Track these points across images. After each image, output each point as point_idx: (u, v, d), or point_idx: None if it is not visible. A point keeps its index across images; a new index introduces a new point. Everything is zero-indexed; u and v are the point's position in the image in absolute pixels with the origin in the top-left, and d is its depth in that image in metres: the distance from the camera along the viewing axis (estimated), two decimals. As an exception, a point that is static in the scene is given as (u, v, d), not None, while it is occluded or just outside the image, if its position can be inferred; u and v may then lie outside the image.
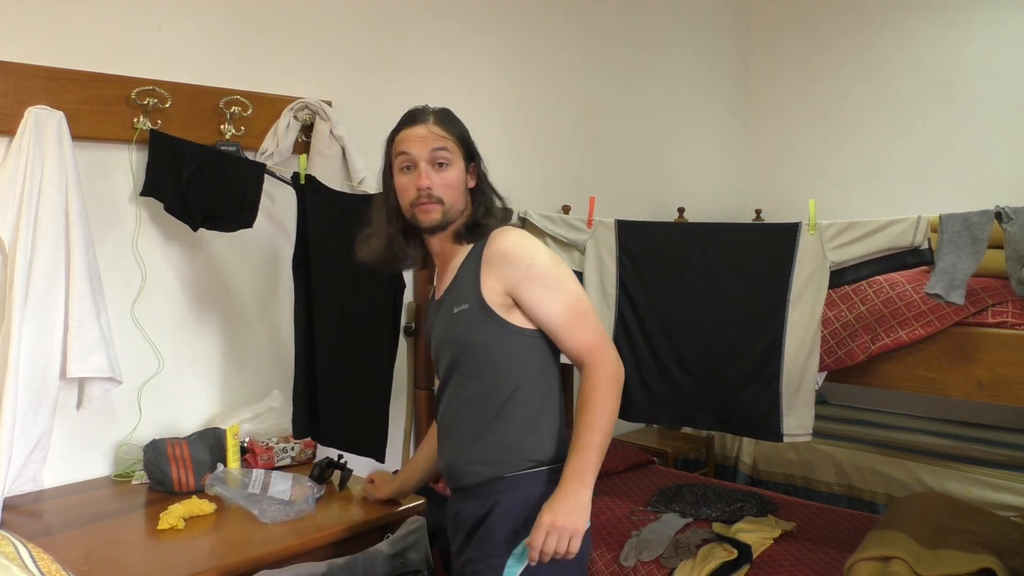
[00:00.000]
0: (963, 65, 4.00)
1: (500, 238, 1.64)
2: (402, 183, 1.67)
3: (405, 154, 1.65)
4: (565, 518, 1.47)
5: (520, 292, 1.59)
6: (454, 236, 1.68)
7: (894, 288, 2.19)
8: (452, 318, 1.65)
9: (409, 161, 1.65)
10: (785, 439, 2.25)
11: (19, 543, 1.26)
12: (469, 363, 1.64)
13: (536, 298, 1.59)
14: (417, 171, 1.64)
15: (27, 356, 1.94)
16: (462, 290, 1.64)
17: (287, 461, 2.33)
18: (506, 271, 1.60)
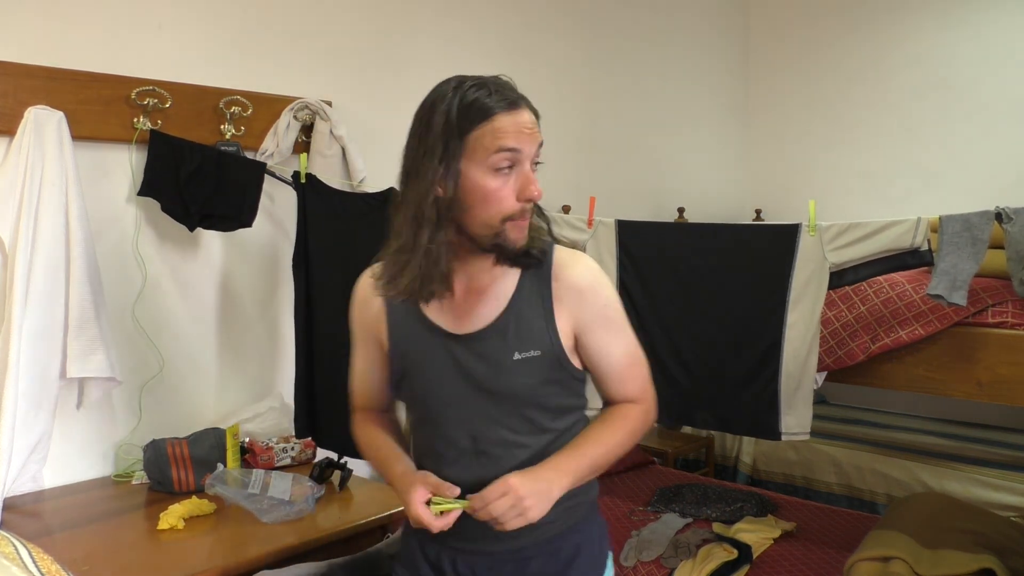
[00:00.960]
0: (963, 65, 4.00)
1: (572, 267, 1.34)
2: (496, 188, 1.22)
3: (511, 151, 1.22)
4: (531, 496, 1.22)
5: (589, 335, 1.34)
6: (503, 258, 1.31)
7: (894, 288, 2.19)
8: (513, 365, 1.31)
9: (513, 160, 1.23)
10: (783, 438, 2.25)
11: (19, 543, 1.26)
12: (533, 418, 1.33)
13: (604, 343, 1.35)
14: (521, 174, 1.24)
15: (27, 356, 1.94)
16: (525, 331, 1.31)
17: (287, 461, 2.33)
18: (581, 310, 1.33)
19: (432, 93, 1.29)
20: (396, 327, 1.40)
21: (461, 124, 1.22)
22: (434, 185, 1.22)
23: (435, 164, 1.21)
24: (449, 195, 1.22)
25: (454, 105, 1.24)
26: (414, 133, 1.27)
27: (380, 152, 2.75)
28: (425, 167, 1.22)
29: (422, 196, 1.23)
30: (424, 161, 1.22)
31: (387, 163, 2.74)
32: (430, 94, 1.29)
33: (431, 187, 1.22)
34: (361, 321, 1.47)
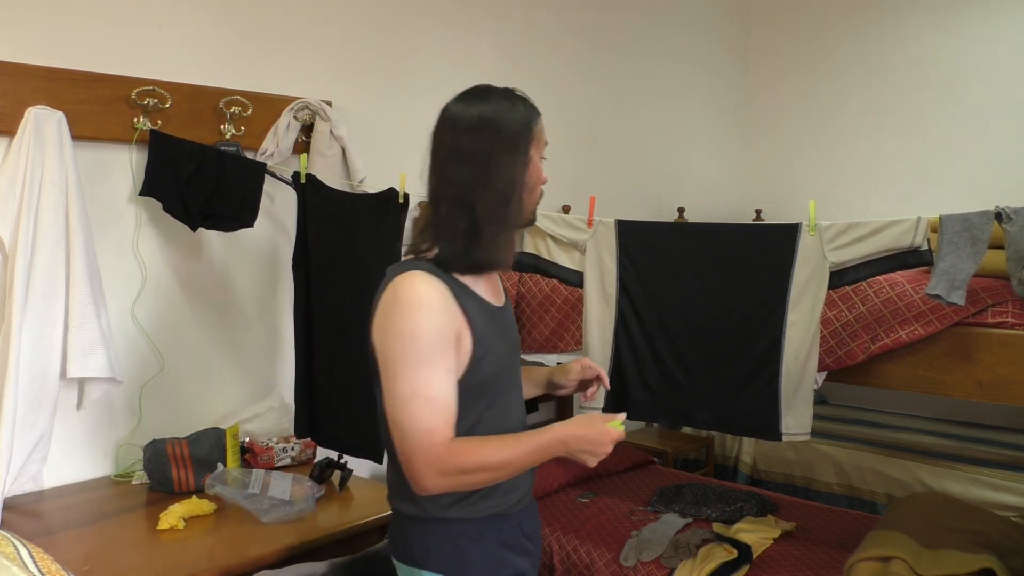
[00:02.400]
0: (963, 65, 4.00)
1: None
2: (539, 171, 1.48)
3: (546, 144, 1.50)
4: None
5: None
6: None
7: (894, 288, 2.19)
8: (513, 321, 1.60)
9: (541, 154, 1.49)
10: (784, 439, 2.25)
11: (19, 543, 1.26)
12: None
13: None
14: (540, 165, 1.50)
15: (27, 356, 1.94)
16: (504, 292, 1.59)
17: (287, 461, 2.33)
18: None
19: (487, 103, 1.44)
20: (470, 313, 1.41)
21: (530, 122, 1.44)
22: (516, 169, 1.41)
23: (517, 153, 1.41)
24: (522, 178, 1.42)
25: (520, 107, 1.44)
26: (483, 135, 1.40)
27: (380, 152, 2.76)
28: (506, 158, 1.40)
29: (508, 180, 1.41)
30: (505, 153, 1.40)
31: (387, 163, 2.76)
32: (483, 104, 1.43)
33: (514, 172, 1.41)
34: (446, 326, 1.37)
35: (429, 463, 1.32)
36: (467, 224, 1.40)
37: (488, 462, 1.35)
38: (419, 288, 1.36)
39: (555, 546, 2.57)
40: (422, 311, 1.34)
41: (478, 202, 1.39)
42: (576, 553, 2.52)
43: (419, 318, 1.34)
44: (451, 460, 1.33)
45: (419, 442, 1.32)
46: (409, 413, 1.33)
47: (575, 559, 2.51)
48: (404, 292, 1.36)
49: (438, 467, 1.32)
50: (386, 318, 1.37)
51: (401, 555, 1.48)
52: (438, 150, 1.45)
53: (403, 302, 1.36)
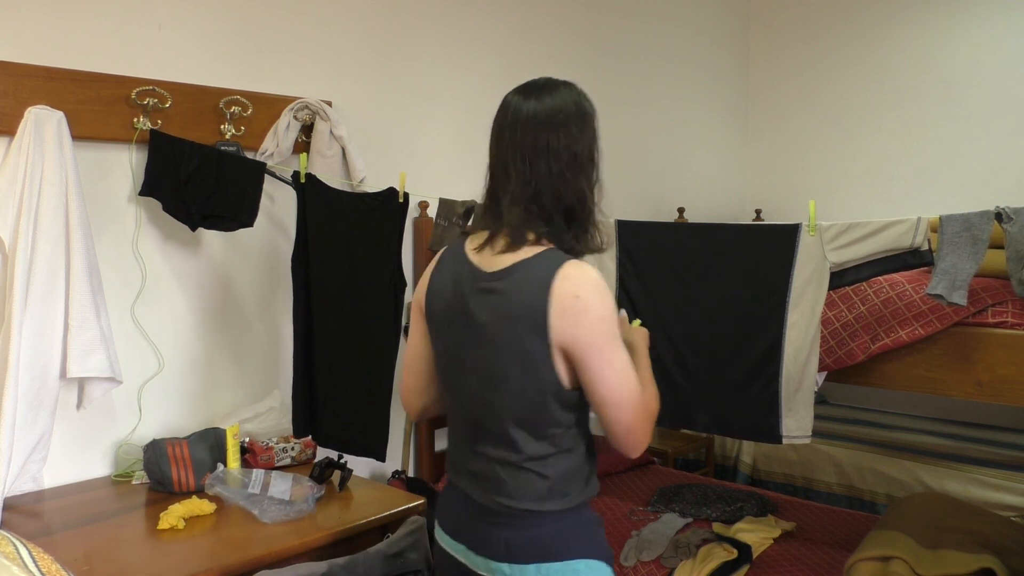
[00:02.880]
0: (963, 65, 4.00)
1: None
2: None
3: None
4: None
5: None
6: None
7: (894, 288, 2.19)
8: None
9: None
10: (784, 441, 2.25)
11: (19, 543, 1.26)
12: None
13: None
14: None
15: (27, 356, 1.94)
16: None
17: (287, 461, 2.33)
18: None
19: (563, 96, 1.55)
20: None
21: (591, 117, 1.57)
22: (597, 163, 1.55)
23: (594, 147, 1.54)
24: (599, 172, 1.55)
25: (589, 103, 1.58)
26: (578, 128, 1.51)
27: (380, 152, 2.76)
28: (596, 146, 1.55)
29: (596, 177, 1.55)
30: (595, 141, 1.55)
31: (387, 163, 2.76)
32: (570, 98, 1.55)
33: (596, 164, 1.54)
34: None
35: (649, 416, 1.49)
36: (566, 217, 1.49)
37: (652, 395, 1.53)
38: (595, 273, 1.43)
39: (555, 546, 2.57)
40: (607, 292, 1.43)
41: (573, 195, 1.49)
42: (576, 553, 2.52)
43: (608, 299, 1.42)
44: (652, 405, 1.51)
45: (638, 408, 1.44)
46: (629, 378, 1.43)
47: (575, 559, 2.51)
48: (587, 279, 1.41)
49: (651, 417, 1.50)
50: (579, 305, 1.39)
51: (544, 554, 1.46)
52: (515, 146, 1.47)
53: (592, 287, 1.41)
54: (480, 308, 1.46)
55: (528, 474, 1.45)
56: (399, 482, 2.65)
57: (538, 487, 1.45)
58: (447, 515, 1.57)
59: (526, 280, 1.42)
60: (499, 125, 1.51)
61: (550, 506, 1.46)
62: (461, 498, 1.53)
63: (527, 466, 1.45)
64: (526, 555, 1.45)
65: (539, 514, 1.46)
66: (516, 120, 1.48)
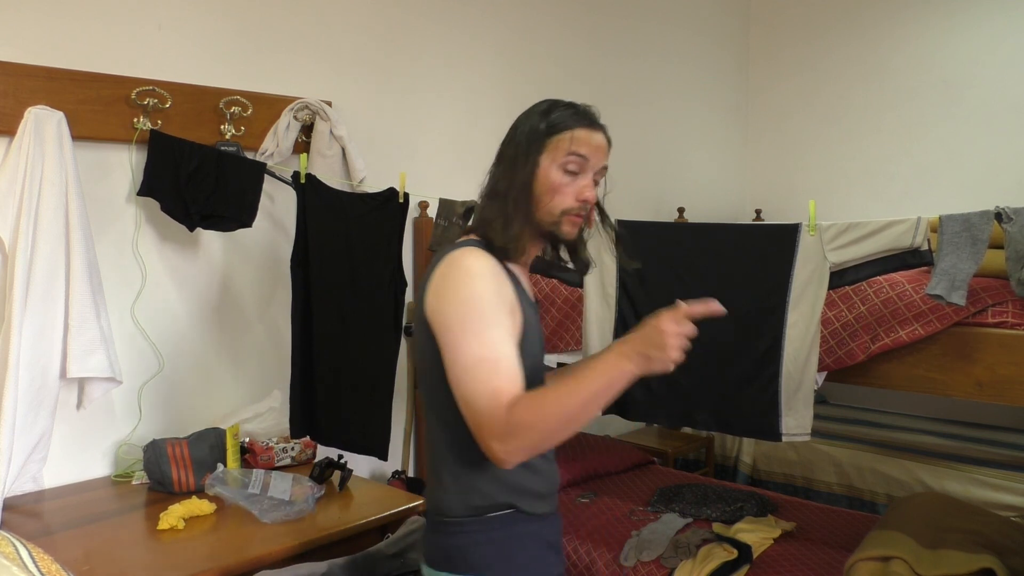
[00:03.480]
0: (963, 65, 4.00)
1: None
2: (560, 183, 1.45)
3: (580, 157, 1.48)
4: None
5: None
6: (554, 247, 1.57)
7: (894, 288, 2.18)
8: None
9: (579, 167, 1.48)
10: (784, 439, 2.25)
11: (19, 543, 1.26)
12: None
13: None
14: (584, 180, 1.50)
15: (27, 356, 1.94)
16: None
17: (287, 461, 2.33)
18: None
19: (530, 108, 1.54)
20: (520, 296, 1.42)
21: (548, 129, 1.47)
22: (516, 172, 1.45)
23: (525, 156, 1.46)
24: (524, 181, 1.44)
25: (541, 115, 1.51)
26: (510, 136, 1.51)
27: (380, 152, 2.76)
28: (517, 160, 1.46)
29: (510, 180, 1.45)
30: (517, 156, 1.47)
31: (387, 163, 2.76)
32: (528, 110, 1.54)
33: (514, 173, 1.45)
34: (501, 293, 1.36)
35: (498, 426, 1.23)
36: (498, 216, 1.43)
37: (558, 409, 1.24)
38: (476, 258, 1.36)
39: (555, 546, 2.57)
40: (481, 276, 1.34)
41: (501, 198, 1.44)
42: (576, 553, 2.52)
43: (478, 282, 1.32)
44: (519, 418, 1.23)
45: (487, 407, 1.24)
46: (475, 378, 1.26)
47: (575, 559, 2.51)
48: (461, 262, 1.35)
49: (507, 429, 1.23)
50: (443, 288, 1.33)
51: (445, 564, 1.40)
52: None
53: (461, 269, 1.34)
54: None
55: (439, 476, 1.41)
56: (399, 482, 2.66)
57: (446, 491, 1.40)
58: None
59: (429, 267, 1.42)
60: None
61: (447, 507, 1.40)
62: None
63: (440, 467, 1.41)
64: (433, 559, 1.42)
65: (436, 515, 1.42)
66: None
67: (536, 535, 1.46)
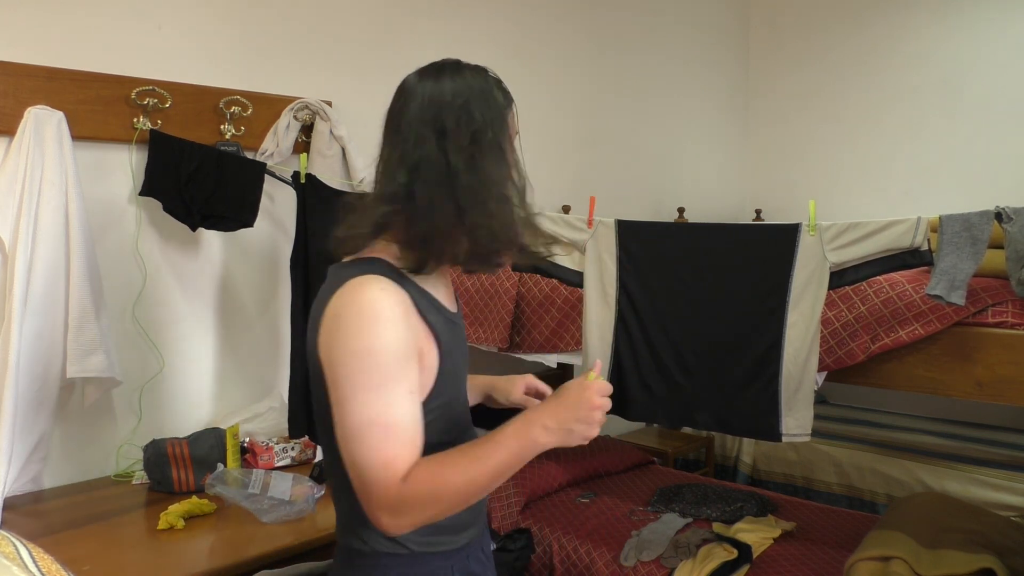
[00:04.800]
0: (963, 65, 4.00)
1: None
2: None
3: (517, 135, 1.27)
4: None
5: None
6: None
7: (894, 288, 2.18)
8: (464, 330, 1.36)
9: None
10: (784, 439, 2.25)
11: (19, 543, 1.25)
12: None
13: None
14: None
15: (27, 356, 1.94)
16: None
17: (287, 461, 2.33)
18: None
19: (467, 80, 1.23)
20: (434, 326, 1.20)
21: (503, 107, 1.23)
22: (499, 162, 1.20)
23: (503, 139, 1.21)
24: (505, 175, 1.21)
25: (493, 81, 1.25)
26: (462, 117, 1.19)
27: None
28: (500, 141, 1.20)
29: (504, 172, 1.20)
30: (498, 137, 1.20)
31: (387, 163, 2.76)
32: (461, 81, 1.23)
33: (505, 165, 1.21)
34: (409, 340, 1.14)
35: (388, 499, 1.08)
36: (452, 217, 1.16)
37: (459, 483, 1.10)
38: (376, 297, 1.11)
39: (555, 546, 2.57)
40: (383, 321, 1.10)
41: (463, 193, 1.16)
42: (576, 553, 2.52)
43: (377, 332, 1.10)
44: (414, 491, 1.09)
45: (376, 476, 1.08)
46: (365, 444, 1.09)
47: (575, 559, 2.51)
48: (358, 302, 1.11)
49: (399, 502, 1.08)
50: (336, 332, 1.12)
51: None
52: (402, 130, 1.20)
53: (357, 313, 1.11)
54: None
55: (350, 506, 1.20)
56: (399, 482, 2.65)
57: (339, 517, 1.25)
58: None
59: (323, 288, 1.20)
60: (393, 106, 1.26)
61: (347, 541, 1.24)
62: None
63: (335, 492, 1.25)
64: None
65: (340, 547, 1.26)
66: (408, 99, 1.24)
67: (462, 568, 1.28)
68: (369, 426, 1.09)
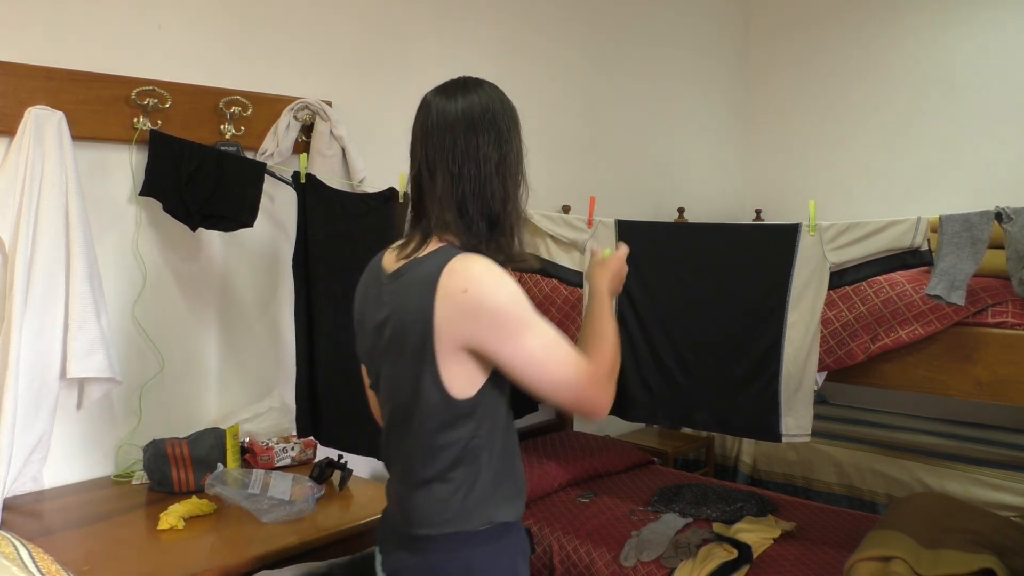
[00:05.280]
0: (963, 65, 4.00)
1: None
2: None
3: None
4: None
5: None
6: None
7: (894, 288, 2.19)
8: None
9: None
10: (784, 439, 2.25)
11: (19, 543, 1.26)
12: None
13: None
14: None
15: (27, 356, 1.94)
16: None
17: (287, 461, 2.33)
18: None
19: (488, 95, 1.43)
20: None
21: (516, 121, 1.44)
22: (521, 161, 1.43)
23: (520, 144, 1.42)
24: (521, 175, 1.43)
25: (501, 94, 1.46)
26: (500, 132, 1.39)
27: (380, 152, 2.76)
28: (517, 150, 1.41)
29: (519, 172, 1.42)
30: (517, 145, 1.41)
31: (387, 163, 2.76)
32: (483, 97, 1.43)
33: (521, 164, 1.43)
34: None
35: (595, 385, 1.32)
36: (489, 222, 1.36)
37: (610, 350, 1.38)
38: (487, 262, 1.31)
39: (555, 546, 2.57)
40: (505, 277, 1.30)
41: (499, 199, 1.37)
42: (576, 553, 2.52)
43: (509, 282, 1.29)
44: (602, 370, 1.35)
45: (579, 374, 1.31)
46: (556, 359, 1.30)
47: (575, 559, 2.51)
48: (478, 269, 1.29)
49: (601, 382, 1.34)
50: (476, 297, 1.27)
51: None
52: (443, 147, 1.36)
53: (484, 276, 1.28)
54: (377, 311, 1.38)
55: (423, 493, 1.34)
56: (399, 482, 2.65)
57: (433, 508, 1.34)
58: (380, 534, 1.49)
59: (414, 279, 1.32)
60: (423, 126, 1.41)
61: (446, 529, 1.34)
62: (386, 517, 1.47)
63: (424, 485, 1.34)
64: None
65: (435, 538, 1.34)
66: (443, 121, 1.38)
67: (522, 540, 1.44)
68: (551, 346, 1.30)
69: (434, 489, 1.34)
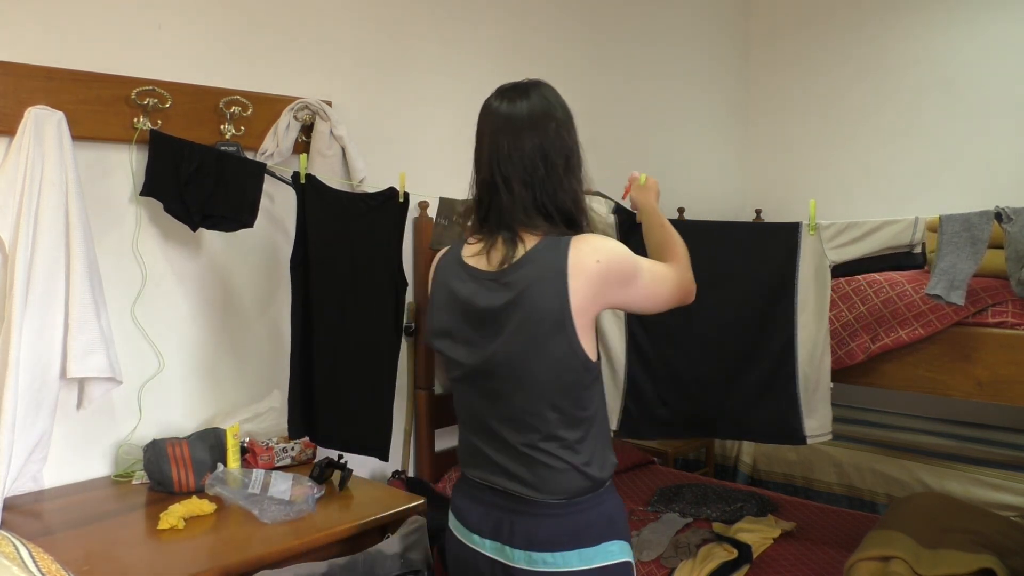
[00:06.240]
0: (963, 64, 3.99)
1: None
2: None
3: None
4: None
5: None
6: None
7: (894, 288, 2.19)
8: None
9: None
10: (808, 441, 2.22)
11: (19, 543, 1.26)
12: None
13: None
14: None
15: (27, 356, 1.93)
16: None
17: (287, 461, 2.33)
18: None
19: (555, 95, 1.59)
20: None
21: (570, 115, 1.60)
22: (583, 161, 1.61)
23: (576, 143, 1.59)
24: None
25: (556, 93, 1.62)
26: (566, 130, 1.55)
27: (380, 152, 2.76)
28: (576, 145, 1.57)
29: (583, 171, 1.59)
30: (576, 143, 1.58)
31: (387, 163, 2.76)
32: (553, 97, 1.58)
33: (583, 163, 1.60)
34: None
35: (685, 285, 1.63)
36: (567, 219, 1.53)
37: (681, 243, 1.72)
38: (596, 235, 1.51)
39: (555, 546, 2.56)
40: (612, 239, 1.52)
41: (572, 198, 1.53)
42: (576, 553, 2.51)
43: (616, 242, 1.51)
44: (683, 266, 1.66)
45: (675, 282, 1.60)
46: (658, 281, 1.56)
47: (575, 559, 2.51)
48: (595, 240, 1.48)
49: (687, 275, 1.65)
50: (604, 261, 1.45)
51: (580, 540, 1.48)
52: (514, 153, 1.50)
53: (604, 244, 1.48)
54: (491, 300, 1.49)
55: (559, 461, 1.48)
56: (399, 482, 2.66)
57: (569, 475, 1.48)
58: (471, 512, 1.57)
59: (538, 265, 1.45)
60: (491, 133, 1.54)
61: (584, 492, 1.49)
62: (488, 492, 1.54)
63: (558, 453, 1.48)
64: (568, 542, 1.47)
65: (575, 502, 1.49)
66: (509, 126, 1.51)
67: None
68: (655, 272, 1.57)
69: (577, 449, 1.49)
